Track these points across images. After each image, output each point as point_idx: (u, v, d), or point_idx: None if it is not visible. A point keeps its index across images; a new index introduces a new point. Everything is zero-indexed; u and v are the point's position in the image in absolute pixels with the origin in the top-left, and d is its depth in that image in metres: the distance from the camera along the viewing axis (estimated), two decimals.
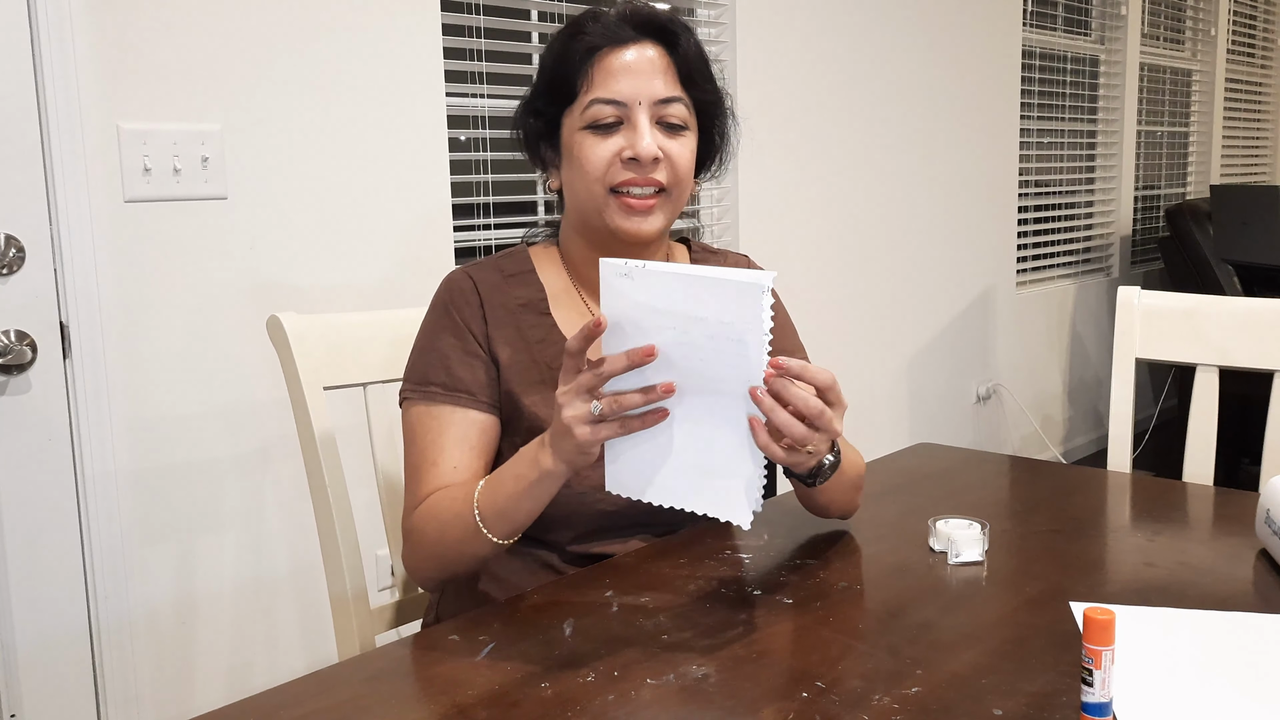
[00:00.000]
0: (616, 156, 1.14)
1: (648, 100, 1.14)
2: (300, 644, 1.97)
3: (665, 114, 1.15)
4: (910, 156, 3.30)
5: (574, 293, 1.25)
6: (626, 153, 1.13)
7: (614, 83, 1.14)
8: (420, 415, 1.17)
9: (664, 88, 1.15)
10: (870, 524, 1.25)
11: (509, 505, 1.04)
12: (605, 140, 1.14)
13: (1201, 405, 1.58)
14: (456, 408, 1.16)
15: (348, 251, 1.96)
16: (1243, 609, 0.99)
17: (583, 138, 1.15)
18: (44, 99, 1.58)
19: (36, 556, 1.64)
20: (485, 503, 1.05)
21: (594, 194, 1.16)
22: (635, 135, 1.13)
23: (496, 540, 1.05)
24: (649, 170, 1.14)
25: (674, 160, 1.15)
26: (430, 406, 1.17)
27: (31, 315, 1.60)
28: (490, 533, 1.05)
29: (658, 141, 1.14)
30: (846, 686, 0.85)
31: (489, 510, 1.05)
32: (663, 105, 1.15)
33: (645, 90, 1.14)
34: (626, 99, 1.14)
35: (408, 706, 0.85)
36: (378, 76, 1.98)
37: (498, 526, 1.05)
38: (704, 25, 2.69)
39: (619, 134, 1.14)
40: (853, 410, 3.16)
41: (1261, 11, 5.43)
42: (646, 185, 1.15)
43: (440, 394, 1.16)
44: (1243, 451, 3.33)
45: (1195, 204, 4.05)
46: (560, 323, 1.22)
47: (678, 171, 1.16)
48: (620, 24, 1.16)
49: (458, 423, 1.16)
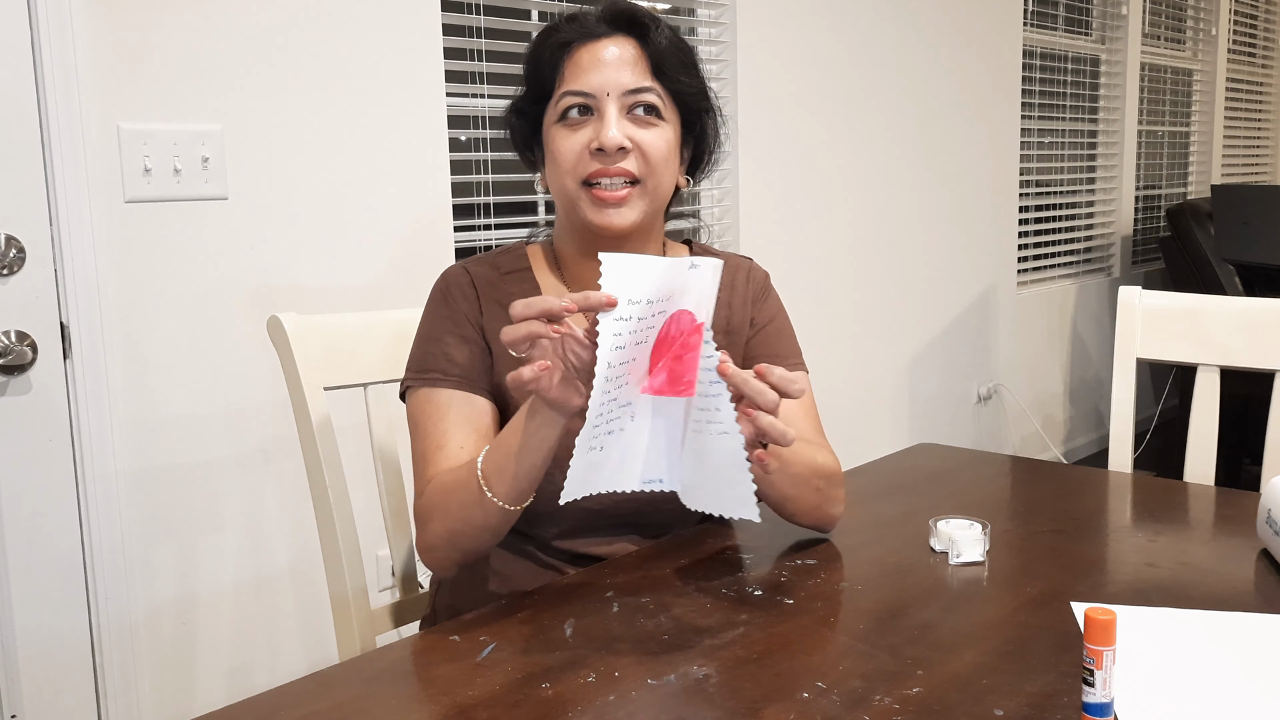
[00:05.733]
0: (585, 148, 1.14)
1: (616, 91, 1.14)
2: (300, 644, 1.97)
3: (635, 102, 1.15)
4: (911, 156, 3.30)
5: (564, 293, 1.24)
6: (594, 144, 1.14)
7: (583, 75, 1.15)
8: (422, 402, 1.18)
9: (633, 78, 1.15)
10: (871, 524, 1.25)
11: (509, 464, 1.02)
12: (575, 133, 1.15)
13: (1203, 405, 1.58)
14: (457, 391, 1.17)
15: (348, 252, 1.96)
16: (1244, 609, 0.99)
17: (555, 131, 1.16)
18: (44, 99, 1.58)
19: (36, 556, 1.64)
20: (487, 463, 1.04)
21: (568, 188, 1.17)
22: (601, 125, 1.14)
23: (501, 504, 1.04)
24: (616, 160, 1.14)
25: (645, 149, 1.15)
26: (432, 392, 1.17)
27: (32, 316, 1.60)
28: (495, 495, 1.03)
29: (626, 132, 1.14)
30: (847, 687, 0.85)
31: (491, 471, 1.04)
32: (632, 95, 1.15)
33: (613, 80, 1.14)
34: (594, 90, 1.14)
35: (408, 707, 0.85)
36: (378, 76, 1.98)
37: (501, 487, 1.03)
38: (704, 25, 2.69)
39: (588, 126, 1.15)
40: (853, 410, 3.16)
41: (1262, 11, 5.43)
42: (616, 176, 1.14)
43: (441, 379, 1.17)
44: (1244, 451, 3.33)
45: (1196, 204, 4.05)
46: None
47: (650, 161, 1.15)
48: (593, 21, 1.17)
49: (459, 405, 1.16)
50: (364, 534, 1.35)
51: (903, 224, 3.30)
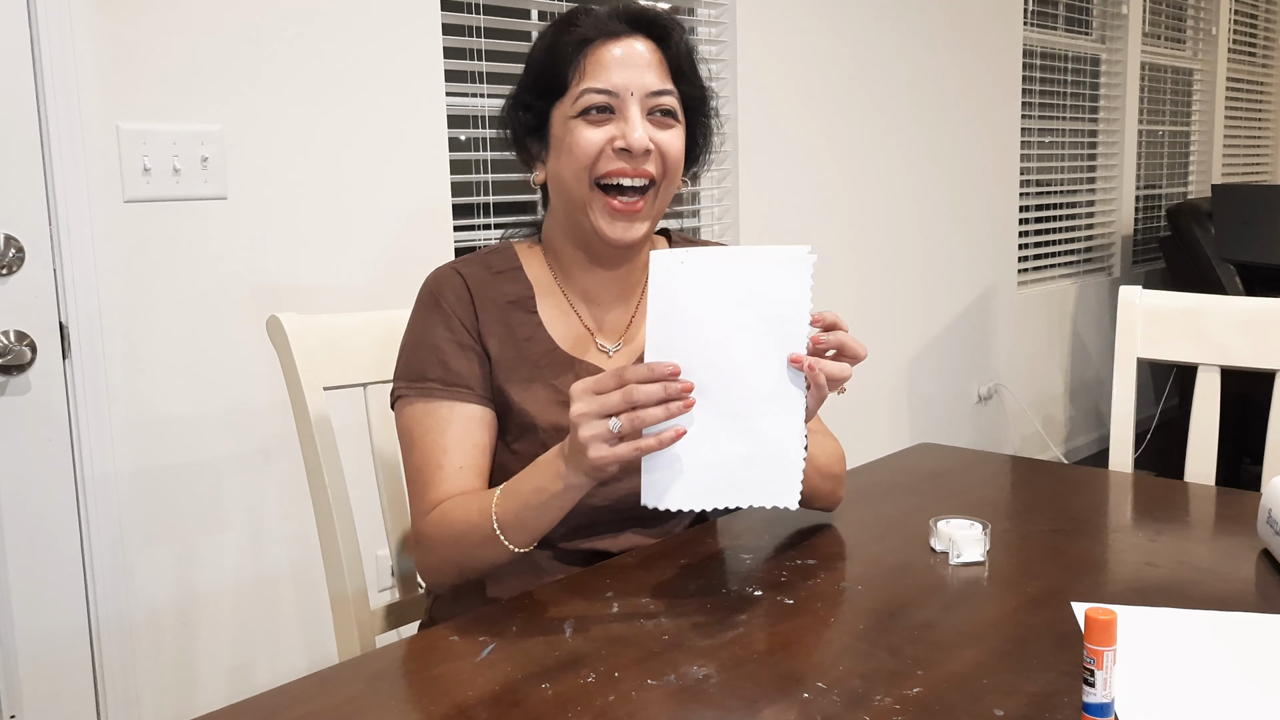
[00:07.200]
0: (608, 144, 1.14)
1: (640, 91, 1.14)
2: (300, 644, 1.97)
3: (657, 105, 1.15)
4: (911, 156, 3.30)
5: (558, 292, 1.24)
6: (618, 142, 1.13)
7: (606, 72, 1.14)
8: (418, 414, 1.16)
9: (656, 80, 1.15)
10: (871, 524, 1.25)
11: (530, 516, 1.03)
12: (597, 128, 1.14)
13: (1203, 405, 1.57)
14: (456, 403, 1.15)
15: (347, 251, 1.96)
16: (1244, 609, 0.99)
17: (575, 125, 1.14)
18: (44, 99, 1.58)
19: (36, 556, 1.64)
20: (504, 513, 1.04)
21: (580, 185, 1.15)
22: (627, 126, 1.13)
23: (516, 549, 1.05)
24: (640, 161, 1.14)
25: (665, 152, 1.15)
26: (428, 403, 1.15)
27: (31, 315, 1.60)
28: (510, 542, 1.04)
29: (649, 133, 1.14)
30: (847, 686, 0.85)
31: (509, 520, 1.04)
32: (654, 97, 1.15)
33: (637, 81, 1.14)
34: (618, 89, 1.13)
35: (408, 706, 0.85)
36: (378, 76, 1.98)
37: (517, 536, 1.04)
38: (704, 25, 2.69)
39: (611, 124, 1.14)
40: (854, 410, 3.16)
41: (1263, 11, 5.43)
42: (637, 176, 1.14)
43: (438, 389, 1.15)
44: (1244, 451, 3.33)
45: (1196, 203, 4.04)
46: (545, 321, 1.21)
47: (667, 164, 1.16)
48: (611, 19, 1.16)
49: (459, 419, 1.15)
50: (364, 534, 1.35)
51: (903, 223, 3.30)
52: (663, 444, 0.92)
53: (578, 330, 1.23)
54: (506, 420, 1.18)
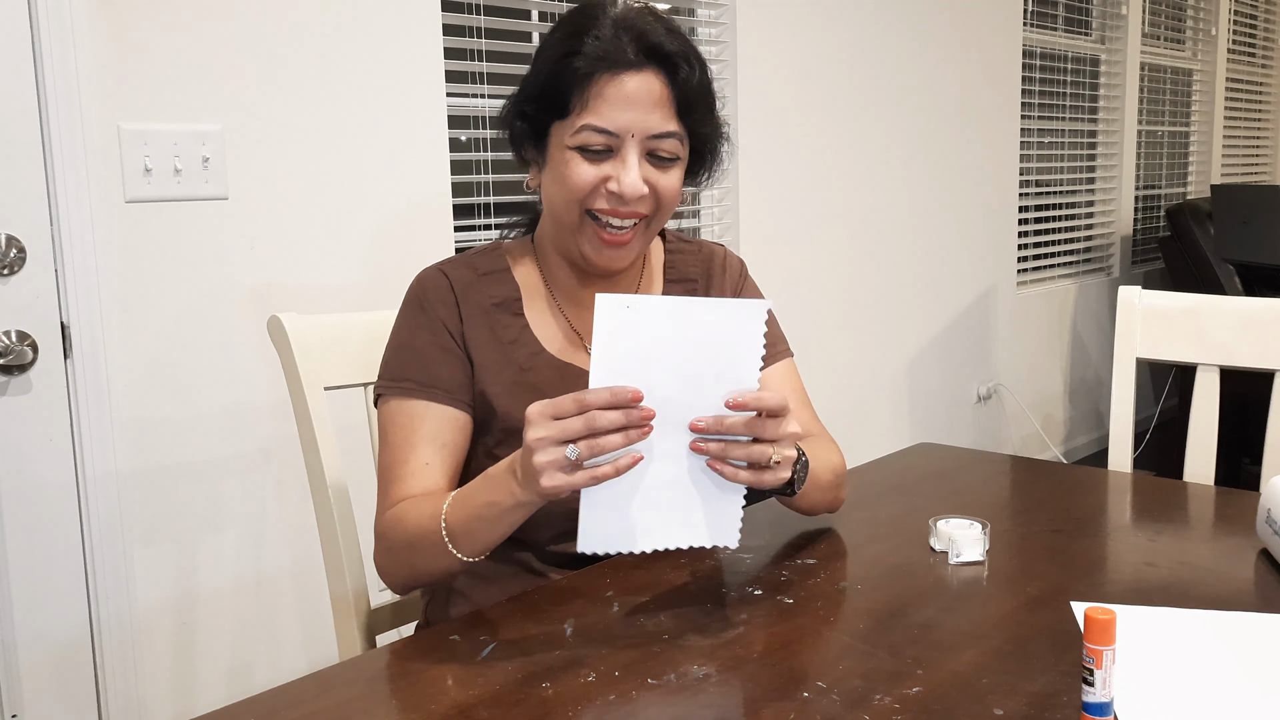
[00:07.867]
0: (602, 183, 1.11)
1: (640, 134, 1.10)
2: (301, 644, 1.97)
3: (657, 148, 1.12)
4: (911, 156, 3.30)
5: (546, 294, 1.24)
6: (611, 185, 1.11)
7: (609, 110, 1.09)
8: (393, 411, 1.16)
9: (659, 122, 1.11)
10: (870, 524, 1.25)
11: (480, 528, 1.01)
12: (592, 165, 1.11)
13: (1202, 405, 1.58)
14: (430, 403, 1.15)
15: (348, 252, 1.96)
16: (1243, 609, 0.99)
17: (570, 156, 1.11)
18: (44, 99, 1.58)
19: (37, 556, 1.64)
20: (454, 521, 1.02)
21: (570, 212, 1.14)
22: (623, 169, 1.10)
23: (464, 558, 1.03)
24: (633, 204, 1.12)
25: (660, 193, 1.13)
26: (404, 402, 1.15)
27: (32, 315, 1.60)
28: (458, 551, 1.02)
29: (644, 175, 1.11)
30: (847, 686, 0.85)
31: (457, 528, 1.02)
32: (655, 140, 1.11)
33: (640, 124, 1.10)
34: (619, 130, 1.10)
35: (408, 706, 0.85)
36: (378, 77, 1.98)
37: (465, 545, 1.02)
38: (704, 25, 2.69)
39: (607, 163, 1.11)
40: (853, 410, 3.16)
41: (1262, 11, 5.43)
42: (627, 218, 1.13)
43: (414, 389, 1.15)
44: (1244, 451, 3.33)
45: (1196, 203, 4.05)
46: (532, 324, 1.21)
47: (661, 202, 1.14)
48: (621, 42, 1.10)
49: (431, 419, 1.15)
50: (364, 534, 1.35)
51: (902, 223, 3.30)
52: (619, 471, 0.90)
53: (565, 333, 1.23)
54: (490, 424, 1.17)
